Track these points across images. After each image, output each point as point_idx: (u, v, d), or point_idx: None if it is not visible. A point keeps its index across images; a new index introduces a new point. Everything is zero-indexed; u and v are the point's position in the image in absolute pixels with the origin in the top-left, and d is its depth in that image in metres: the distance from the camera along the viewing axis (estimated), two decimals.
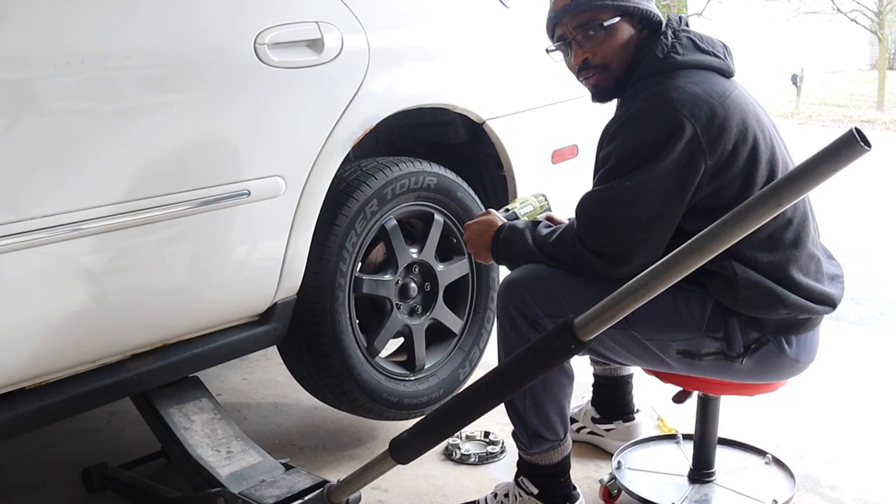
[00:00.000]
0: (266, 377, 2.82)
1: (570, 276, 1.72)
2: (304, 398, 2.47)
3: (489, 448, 2.27)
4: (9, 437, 1.69)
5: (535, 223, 1.83)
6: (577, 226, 1.72)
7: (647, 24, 1.76)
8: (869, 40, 19.34)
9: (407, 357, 2.36)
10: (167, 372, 1.87)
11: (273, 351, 2.29)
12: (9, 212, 1.52)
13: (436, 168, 2.28)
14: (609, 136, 1.70)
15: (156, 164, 1.71)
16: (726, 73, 1.73)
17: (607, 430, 2.26)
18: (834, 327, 3.44)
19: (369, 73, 2.06)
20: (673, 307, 1.68)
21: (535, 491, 1.86)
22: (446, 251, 2.39)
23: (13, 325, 1.58)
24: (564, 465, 1.86)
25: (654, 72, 1.69)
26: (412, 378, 2.33)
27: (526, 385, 1.55)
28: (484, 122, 2.38)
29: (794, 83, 13.95)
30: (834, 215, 5.73)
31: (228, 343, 1.96)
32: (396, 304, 2.25)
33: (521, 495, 1.87)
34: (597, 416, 2.28)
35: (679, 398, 1.93)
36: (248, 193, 1.85)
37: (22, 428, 1.67)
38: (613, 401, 2.26)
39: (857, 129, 1.09)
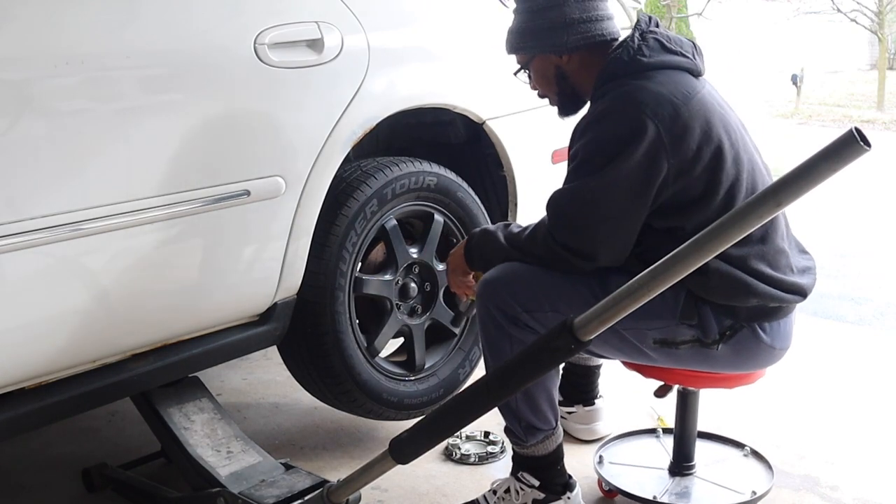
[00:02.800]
0: (266, 377, 2.82)
1: (545, 271, 1.76)
2: (304, 398, 2.47)
3: (489, 448, 2.27)
4: (9, 437, 1.69)
5: (507, 224, 1.89)
6: (547, 221, 1.76)
7: (574, 50, 1.79)
8: (869, 40, 19.31)
9: (407, 357, 2.36)
10: (167, 372, 1.87)
11: (273, 351, 2.28)
12: (9, 212, 1.52)
13: (436, 168, 2.28)
14: (578, 134, 1.75)
15: (156, 164, 1.71)
16: (695, 73, 1.77)
17: (569, 413, 2.34)
18: (834, 327, 3.45)
19: (369, 73, 2.06)
20: None
21: (537, 483, 1.87)
22: (446, 251, 2.39)
23: (13, 326, 1.58)
24: (560, 453, 1.90)
25: (621, 73, 1.73)
26: (412, 378, 2.33)
27: (526, 385, 1.56)
28: (484, 122, 2.38)
29: (794, 83, 13.94)
30: (834, 215, 5.73)
31: (228, 343, 1.96)
32: (396, 304, 2.25)
33: (522, 489, 1.89)
34: (561, 398, 2.35)
35: (660, 392, 1.99)
36: (248, 193, 1.85)
37: (22, 428, 1.67)
38: (578, 387, 2.34)
39: (857, 129, 1.10)
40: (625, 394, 2.49)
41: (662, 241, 1.68)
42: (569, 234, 1.73)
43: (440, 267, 2.33)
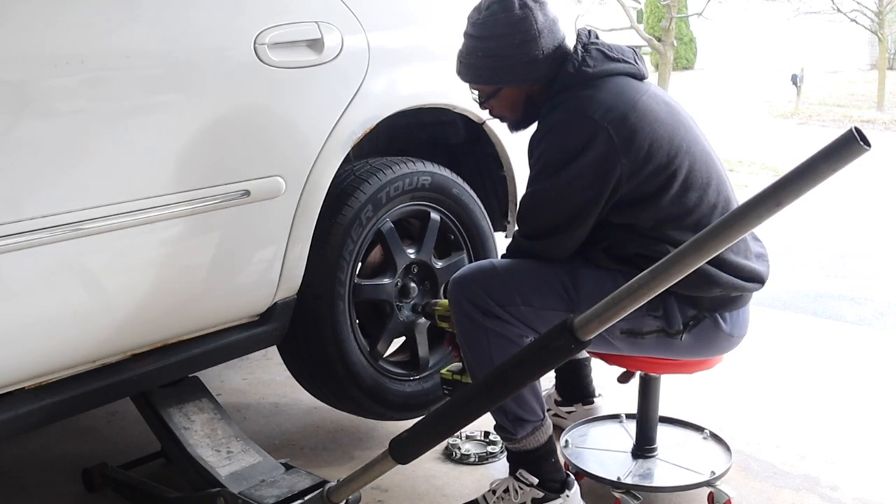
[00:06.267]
0: (266, 377, 2.82)
1: (516, 267, 1.85)
2: (304, 398, 2.47)
3: (489, 448, 2.27)
4: (9, 437, 1.69)
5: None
6: (517, 218, 1.91)
7: (537, 81, 1.84)
8: (869, 40, 19.31)
9: (411, 356, 2.36)
10: (167, 372, 1.87)
11: (273, 351, 2.29)
12: (9, 212, 1.52)
13: (429, 167, 2.28)
14: (534, 144, 1.83)
15: (156, 164, 1.71)
16: (638, 77, 1.83)
17: (569, 413, 2.39)
18: (834, 327, 3.45)
19: (369, 73, 2.06)
20: (614, 289, 1.75)
21: (535, 481, 1.89)
22: (445, 248, 2.38)
23: (13, 325, 1.58)
24: (551, 445, 1.92)
25: (568, 85, 1.80)
26: (417, 377, 2.33)
27: (526, 385, 1.56)
28: (484, 123, 2.39)
29: (794, 83, 13.95)
30: (834, 215, 5.73)
31: (228, 343, 1.96)
32: (397, 306, 2.25)
33: (521, 488, 1.90)
34: (559, 399, 2.42)
35: (623, 379, 2.06)
36: (248, 193, 1.85)
37: (22, 428, 1.67)
38: (574, 385, 2.40)
39: (856, 129, 1.10)
40: (623, 392, 2.48)
41: (624, 235, 1.79)
42: (532, 230, 1.85)
43: (439, 264, 2.32)
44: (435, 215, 2.31)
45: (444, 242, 2.38)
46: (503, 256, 1.95)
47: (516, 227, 1.92)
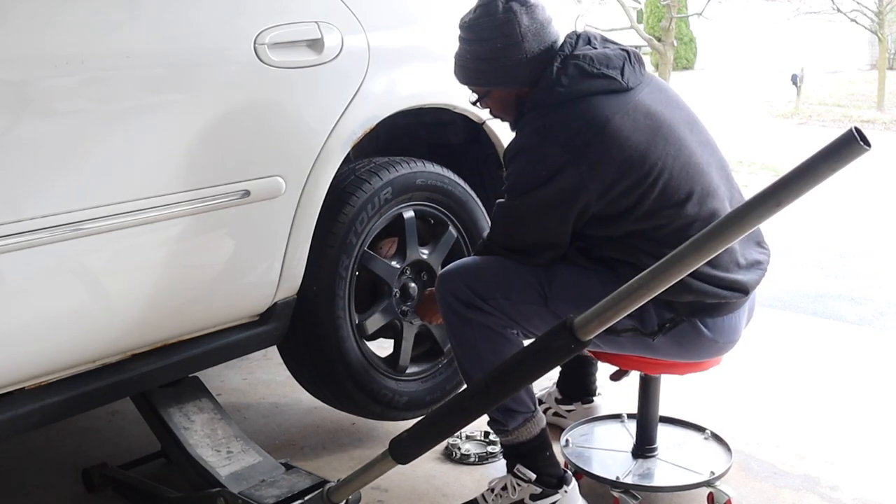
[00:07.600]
0: (266, 377, 2.82)
1: (497, 263, 1.88)
2: (304, 398, 2.47)
3: (489, 448, 2.27)
4: (9, 437, 1.69)
5: None
6: (491, 220, 1.95)
7: (524, 83, 1.83)
8: (869, 40, 19.30)
9: (431, 346, 2.36)
10: (167, 372, 1.87)
11: (273, 351, 2.29)
12: (9, 212, 1.52)
13: (385, 175, 2.16)
14: (506, 161, 1.85)
15: (156, 164, 1.71)
16: (620, 90, 1.76)
17: (569, 412, 2.40)
18: (834, 327, 3.45)
19: (369, 73, 2.06)
20: (586, 284, 1.80)
21: (533, 476, 1.89)
22: (429, 233, 2.35)
23: (13, 325, 1.58)
24: (545, 438, 1.92)
25: (540, 104, 1.79)
26: (443, 362, 2.36)
27: (525, 384, 1.57)
28: (484, 123, 2.39)
29: (794, 83, 13.94)
30: (834, 215, 5.73)
31: (228, 343, 1.97)
32: (402, 311, 2.25)
33: (518, 485, 1.90)
34: (560, 397, 2.42)
35: (615, 377, 2.07)
36: (248, 193, 1.85)
37: (22, 428, 1.67)
38: (576, 383, 2.40)
39: (856, 129, 1.10)
40: (623, 392, 2.49)
41: (598, 239, 1.80)
42: (504, 241, 1.88)
43: (426, 254, 2.29)
44: (408, 213, 2.24)
45: (427, 229, 2.34)
46: (474, 253, 1.97)
47: (490, 238, 1.93)
